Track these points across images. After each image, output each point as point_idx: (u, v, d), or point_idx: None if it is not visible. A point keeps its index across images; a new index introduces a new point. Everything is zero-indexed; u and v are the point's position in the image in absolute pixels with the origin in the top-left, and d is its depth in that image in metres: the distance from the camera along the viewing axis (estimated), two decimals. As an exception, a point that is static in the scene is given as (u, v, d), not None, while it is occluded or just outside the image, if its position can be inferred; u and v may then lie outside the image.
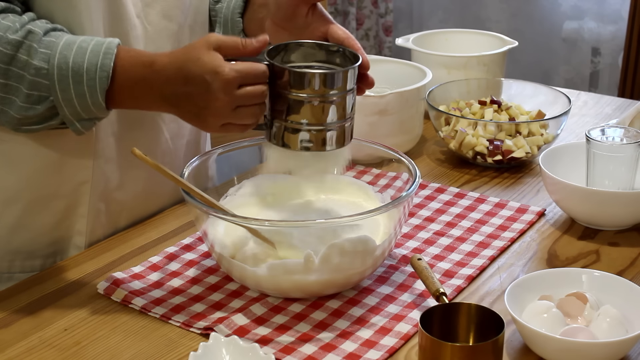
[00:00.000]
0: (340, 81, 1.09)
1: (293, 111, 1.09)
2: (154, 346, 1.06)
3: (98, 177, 1.27)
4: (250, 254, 1.12)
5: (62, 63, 1.10)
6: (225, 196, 1.28)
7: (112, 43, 1.11)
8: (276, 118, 1.10)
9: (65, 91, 1.11)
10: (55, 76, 1.10)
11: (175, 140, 1.38)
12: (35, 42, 1.10)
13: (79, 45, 1.11)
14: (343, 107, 1.10)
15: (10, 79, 1.10)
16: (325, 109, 1.09)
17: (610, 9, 3.43)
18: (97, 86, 1.10)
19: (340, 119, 1.10)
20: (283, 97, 1.08)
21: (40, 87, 1.11)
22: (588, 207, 1.30)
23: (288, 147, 1.11)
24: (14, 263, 1.27)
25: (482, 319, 0.99)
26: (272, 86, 1.09)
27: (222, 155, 1.27)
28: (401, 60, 1.69)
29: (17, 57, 1.10)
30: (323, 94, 1.08)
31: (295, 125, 1.09)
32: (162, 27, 1.27)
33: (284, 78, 1.08)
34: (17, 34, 1.09)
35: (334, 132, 1.11)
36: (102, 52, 1.10)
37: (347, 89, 1.10)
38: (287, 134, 1.10)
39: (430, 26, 3.79)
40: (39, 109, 1.12)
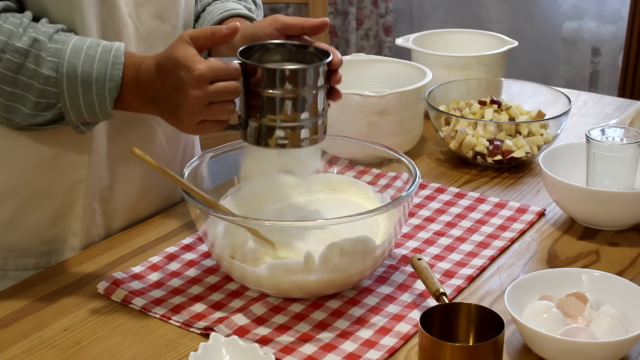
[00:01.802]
0: (312, 76, 1.09)
1: (267, 109, 1.09)
2: (154, 346, 1.06)
3: (92, 177, 1.27)
4: (250, 254, 1.12)
5: (71, 72, 1.11)
6: (225, 196, 1.28)
7: (119, 51, 1.12)
8: (251, 117, 1.11)
9: (74, 99, 1.12)
10: (64, 84, 1.11)
11: (171, 143, 1.38)
12: (42, 51, 1.11)
13: (86, 53, 1.11)
14: (316, 103, 1.11)
15: (18, 87, 1.11)
16: (299, 105, 1.09)
17: (610, 9, 3.43)
18: (107, 95, 1.12)
19: (314, 114, 1.11)
20: (257, 95, 1.09)
21: (49, 95, 1.12)
22: (588, 207, 1.30)
23: (263, 146, 1.11)
24: (8, 260, 1.27)
25: (482, 319, 0.99)
26: (246, 85, 1.10)
27: (222, 155, 1.27)
28: (401, 60, 1.69)
29: (25, 66, 1.10)
30: (295, 89, 1.08)
31: (269, 122, 1.10)
32: (154, 27, 1.27)
33: (256, 75, 1.08)
34: (22, 40, 1.10)
35: (308, 128, 1.11)
36: (110, 62, 1.11)
37: (320, 84, 1.10)
38: (262, 133, 1.11)
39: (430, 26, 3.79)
40: (47, 116, 1.14)
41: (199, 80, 1.06)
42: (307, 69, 1.09)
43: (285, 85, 1.08)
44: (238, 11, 1.33)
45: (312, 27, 1.18)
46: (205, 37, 1.09)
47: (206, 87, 1.06)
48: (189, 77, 1.06)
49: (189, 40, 1.08)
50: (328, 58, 1.11)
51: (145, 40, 1.26)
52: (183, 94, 1.07)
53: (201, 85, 1.06)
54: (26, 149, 1.22)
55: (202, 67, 1.06)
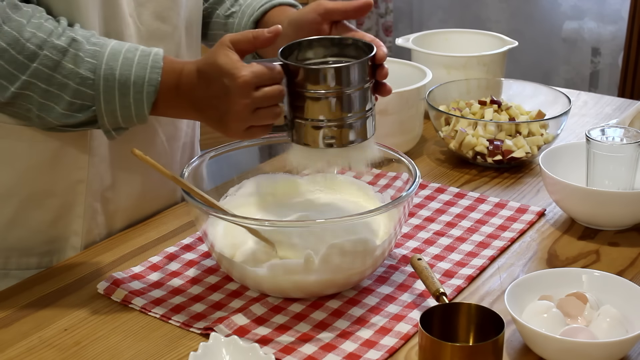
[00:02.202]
0: (356, 73, 1.08)
1: (312, 108, 1.08)
2: (154, 346, 1.06)
3: (93, 177, 1.27)
4: (250, 254, 1.12)
5: (109, 74, 1.10)
6: (225, 196, 1.28)
7: (158, 56, 1.12)
8: (296, 117, 1.10)
9: (109, 102, 1.11)
10: (101, 87, 1.10)
11: (171, 142, 1.38)
12: (81, 51, 1.10)
13: (124, 56, 1.11)
14: (362, 100, 1.09)
15: (53, 86, 1.10)
16: (344, 103, 1.08)
17: (610, 9, 3.43)
18: (145, 99, 1.11)
19: (360, 111, 1.09)
20: (301, 96, 1.08)
21: (84, 97, 1.11)
22: (588, 207, 1.30)
23: (311, 146, 1.10)
24: (10, 260, 1.27)
25: (482, 319, 0.99)
26: (289, 85, 1.08)
27: (222, 155, 1.27)
28: (401, 60, 1.69)
29: (62, 65, 1.10)
30: (340, 87, 1.07)
31: (315, 122, 1.08)
32: (154, 27, 1.27)
33: (299, 76, 1.07)
34: (62, 39, 1.10)
35: (356, 125, 1.10)
36: (149, 66, 1.11)
37: (364, 80, 1.09)
38: (308, 133, 1.09)
39: (430, 26, 3.79)
40: (80, 117, 1.13)
41: (244, 87, 1.04)
42: (350, 66, 1.07)
43: (329, 84, 1.06)
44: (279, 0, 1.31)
45: (355, 9, 1.17)
46: (246, 41, 1.07)
47: (252, 93, 1.05)
48: (233, 84, 1.05)
49: (229, 44, 1.07)
50: (371, 53, 1.09)
51: (146, 41, 1.26)
52: (229, 102, 1.06)
53: (247, 92, 1.05)
54: (27, 149, 1.22)
55: (247, 74, 1.04)
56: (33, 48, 1.08)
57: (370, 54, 1.09)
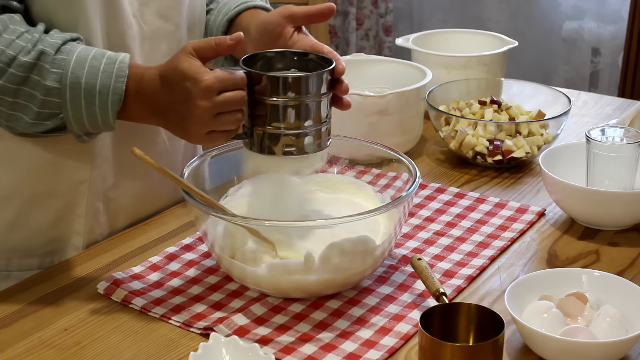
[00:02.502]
0: (316, 83, 1.10)
1: (272, 117, 1.10)
2: (154, 346, 1.06)
3: (95, 177, 1.27)
4: (250, 254, 1.12)
5: (75, 83, 1.11)
6: (225, 196, 1.28)
7: (124, 63, 1.12)
8: (256, 125, 1.11)
9: (76, 110, 1.12)
10: (67, 95, 1.11)
11: (173, 142, 1.38)
12: (47, 63, 1.10)
13: (90, 64, 1.11)
14: (320, 110, 1.12)
15: (19, 98, 1.11)
16: (303, 112, 1.10)
17: (610, 9, 3.43)
18: (109, 108, 1.12)
19: (318, 121, 1.12)
20: (261, 104, 1.10)
21: (51, 105, 1.12)
22: (588, 207, 1.30)
23: (268, 154, 1.12)
24: (11, 261, 1.27)
25: (482, 319, 0.99)
26: (250, 94, 1.10)
27: (222, 155, 1.27)
28: (401, 60, 1.69)
29: (30, 78, 1.11)
30: (300, 97, 1.09)
31: (274, 130, 1.10)
32: (157, 26, 1.27)
33: (261, 84, 1.09)
34: (29, 55, 1.10)
35: (313, 135, 1.12)
36: (114, 74, 1.11)
37: (323, 91, 1.11)
38: (267, 141, 1.12)
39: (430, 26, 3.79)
40: (48, 125, 1.14)
41: (206, 92, 1.06)
42: (311, 76, 1.10)
43: (289, 93, 1.09)
44: (253, 3, 1.33)
45: (318, 13, 1.19)
46: (209, 48, 1.09)
47: (213, 97, 1.06)
48: (196, 88, 1.06)
49: (192, 51, 1.08)
50: (331, 65, 1.12)
51: (149, 40, 1.26)
52: (191, 105, 1.07)
53: (209, 96, 1.06)
54: (30, 150, 1.22)
55: (209, 78, 1.06)
56: (1, 66, 1.09)
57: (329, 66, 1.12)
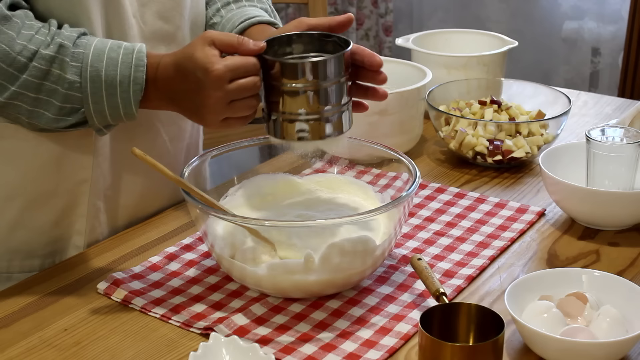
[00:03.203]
0: (331, 68, 1.08)
1: (288, 102, 1.09)
2: (154, 346, 1.06)
3: (97, 176, 1.27)
4: (250, 254, 1.12)
5: (95, 76, 1.11)
6: (225, 196, 1.28)
7: (141, 53, 1.12)
8: (272, 111, 1.10)
9: (98, 103, 1.12)
10: (88, 89, 1.11)
11: (174, 143, 1.38)
12: (67, 56, 1.11)
13: (108, 56, 1.12)
14: (338, 94, 1.10)
15: (41, 93, 1.11)
16: (319, 97, 1.08)
17: (610, 9, 3.43)
18: (132, 98, 1.12)
19: (336, 105, 1.10)
20: (276, 89, 1.09)
21: (73, 100, 1.12)
22: (588, 207, 1.30)
23: (287, 140, 1.11)
24: (13, 263, 1.27)
25: (482, 319, 0.99)
26: (266, 79, 1.09)
27: (222, 155, 1.27)
28: (401, 60, 1.69)
29: (51, 72, 1.11)
30: (315, 82, 1.08)
31: (291, 116, 1.09)
32: (157, 27, 1.27)
33: (275, 70, 1.08)
34: (49, 48, 1.10)
35: (332, 119, 1.10)
36: (133, 65, 1.11)
37: (340, 75, 1.09)
38: (284, 126, 1.10)
39: (430, 26, 3.79)
40: (70, 120, 1.14)
41: (217, 81, 1.05)
42: (325, 60, 1.08)
43: (304, 78, 1.07)
44: (259, 18, 1.31)
45: (338, 24, 1.17)
46: (229, 44, 1.08)
47: (225, 86, 1.06)
48: (207, 78, 1.06)
49: (211, 42, 1.07)
50: (347, 48, 1.10)
51: (149, 40, 1.26)
52: (203, 95, 1.07)
53: (220, 85, 1.06)
54: (33, 149, 1.22)
55: (220, 67, 1.05)
56: (24, 61, 1.09)
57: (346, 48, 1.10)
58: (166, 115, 1.34)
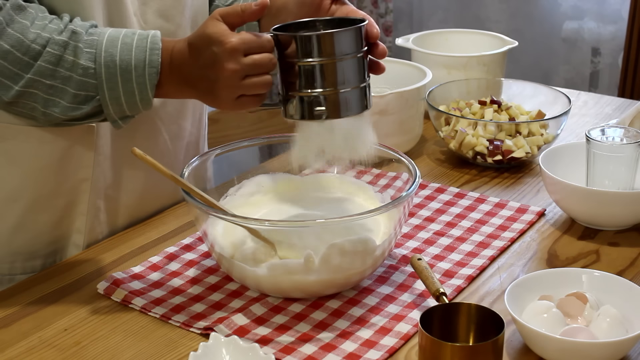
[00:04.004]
0: (348, 40, 1.06)
1: (305, 79, 1.06)
2: (154, 346, 1.06)
3: (98, 175, 1.27)
4: (250, 254, 1.12)
5: (109, 61, 1.11)
6: (225, 196, 1.28)
7: (156, 37, 1.12)
8: (290, 91, 1.08)
9: (113, 89, 1.11)
10: (103, 75, 1.11)
11: (175, 142, 1.38)
12: (80, 42, 1.10)
13: (122, 41, 1.11)
14: (355, 69, 1.08)
15: (57, 80, 1.11)
16: (337, 71, 1.06)
17: (610, 9, 3.43)
18: (147, 82, 1.11)
19: (355, 81, 1.08)
20: (293, 67, 1.07)
21: (87, 87, 1.11)
22: (588, 207, 1.30)
23: (307, 119, 1.08)
24: (15, 265, 1.27)
25: (482, 319, 0.99)
26: (281, 59, 1.08)
27: (222, 155, 1.27)
28: (401, 60, 1.69)
29: (64, 58, 1.10)
30: (332, 55, 1.05)
31: (309, 93, 1.07)
32: (157, 26, 1.27)
33: (290, 47, 1.06)
34: (63, 34, 1.10)
35: (352, 96, 1.08)
36: (148, 48, 1.11)
37: (356, 49, 1.07)
38: (303, 105, 1.07)
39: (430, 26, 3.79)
40: (85, 109, 1.13)
41: (232, 53, 1.05)
42: (341, 32, 1.06)
43: (321, 52, 1.05)
44: None
45: None
46: (235, 14, 1.08)
47: (240, 59, 1.05)
48: (221, 50, 1.05)
49: (219, 17, 1.07)
50: (363, 23, 1.08)
51: None
52: (218, 69, 1.06)
53: (235, 57, 1.05)
54: (34, 151, 1.22)
55: (235, 40, 1.05)
56: (38, 48, 1.09)
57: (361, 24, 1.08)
58: (167, 113, 1.34)
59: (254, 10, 1.08)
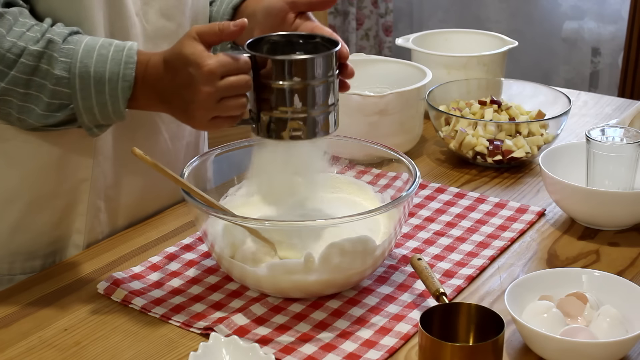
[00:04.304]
0: (322, 65, 1.08)
1: (278, 100, 1.08)
2: (154, 346, 1.06)
3: (97, 175, 1.27)
4: (250, 254, 1.12)
5: (84, 72, 1.11)
6: (225, 196, 1.28)
7: (132, 50, 1.12)
8: (262, 110, 1.10)
9: (86, 99, 1.12)
10: (77, 85, 1.11)
11: (175, 141, 1.38)
12: (55, 52, 1.10)
13: (98, 53, 1.11)
14: (327, 93, 1.10)
15: (31, 89, 1.11)
16: (310, 95, 1.08)
17: (610, 9, 3.43)
18: (120, 95, 1.11)
19: (325, 104, 1.10)
20: (267, 88, 1.08)
21: (61, 96, 1.12)
22: (588, 207, 1.30)
23: (276, 138, 1.10)
24: (14, 265, 1.27)
25: (482, 319, 0.99)
26: (256, 78, 1.09)
27: (222, 155, 1.27)
28: (401, 60, 1.69)
29: (39, 67, 1.10)
30: (306, 79, 1.07)
31: (281, 114, 1.09)
32: (160, 25, 1.28)
33: (266, 68, 1.08)
34: (38, 44, 1.10)
35: (321, 118, 1.10)
36: (123, 61, 1.11)
37: (330, 73, 1.10)
38: (274, 125, 1.10)
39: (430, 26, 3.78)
40: (59, 117, 1.13)
41: (209, 76, 1.05)
42: (316, 58, 1.08)
43: (295, 76, 1.07)
44: None
45: (320, 2, 1.19)
46: (212, 33, 1.08)
47: (217, 82, 1.05)
48: (199, 73, 1.05)
49: (196, 36, 1.07)
50: (336, 47, 1.10)
51: (151, 39, 1.27)
52: (194, 91, 1.06)
53: (212, 80, 1.05)
54: (34, 151, 1.22)
55: (212, 63, 1.05)
56: (13, 57, 1.09)
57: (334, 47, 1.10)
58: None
59: (232, 30, 1.09)
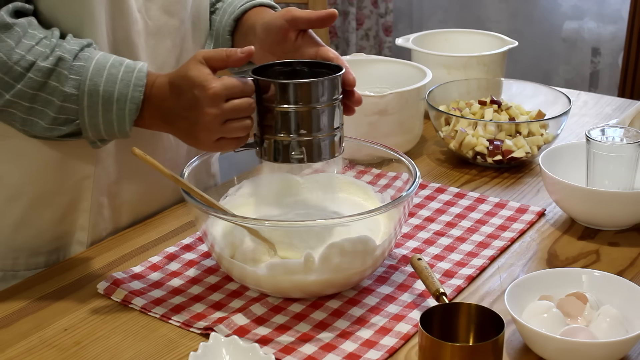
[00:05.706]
0: (326, 89, 1.09)
1: (282, 124, 1.09)
2: (154, 346, 1.06)
3: (100, 172, 1.28)
4: (250, 254, 1.12)
5: (93, 90, 1.11)
6: (225, 196, 1.28)
7: (142, 73, 1.13)
8: (266, 134, 1.11)
9: (93, 117, 1.13)
10: (85, 102, 1.12)
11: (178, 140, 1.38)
12: (65, 69, 1.11)
13: (109, 72, 1.12)
14: (331, 117, 1.11)
15: (36, 103, 1.12)
16: (313, 119, 1.09)
17: (610, 9, 3.43)
18: (127, 116, 1.12)
19: (329, 128, 1.11)
20: (271, 111, 1.09)
21: (68, 112, 1.13)
22: (588, 207, 1.30)
23: (280, 162, 1.11)
24: (18, 261, 1.27)
25: (482, 319, 0.99)
26: (259, 102, 1.10)
27: (222, 155, 1.27)
28: (401, 60, 1.69)
29: (47, 84, 1.11)
30: (309, 103, 1.08)
31: (285, 138, 1.10)
32: (162, 22, 1.28)
33: (270, 92, 1.09)
34: (48, 60, 1.10)
35: (325, 142, 1.11)
36: (132, 83, 1.12)
37: (334, 97, 1.10)
38: (278, 149, 1.11)
39: (430, 26, 3.79)
40: (64, 130, 1.14)
41: (214, 98, 1.06)
42: (319, 82, 1.09)
43: (298, 99, 1.08)
44: (259, 0, 1.33)
45: (319, 19, 1.19)
46: (219, 58, 1.09)
47: (221, 105, 1.06)
48: (203, 95, 1.06)
49: (202, 60, 1.08)
50: (340, 71, 1.11)
51: (154, 35, 1.27)
52: (199, 113, 1.07)
53: (216, 103, 1.06)
54: (37, 148, 1.22)
55: (217, 85, 1.06)
56: (20, 70, 1.10)
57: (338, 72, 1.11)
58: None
59: (239, 57, 1.10)
